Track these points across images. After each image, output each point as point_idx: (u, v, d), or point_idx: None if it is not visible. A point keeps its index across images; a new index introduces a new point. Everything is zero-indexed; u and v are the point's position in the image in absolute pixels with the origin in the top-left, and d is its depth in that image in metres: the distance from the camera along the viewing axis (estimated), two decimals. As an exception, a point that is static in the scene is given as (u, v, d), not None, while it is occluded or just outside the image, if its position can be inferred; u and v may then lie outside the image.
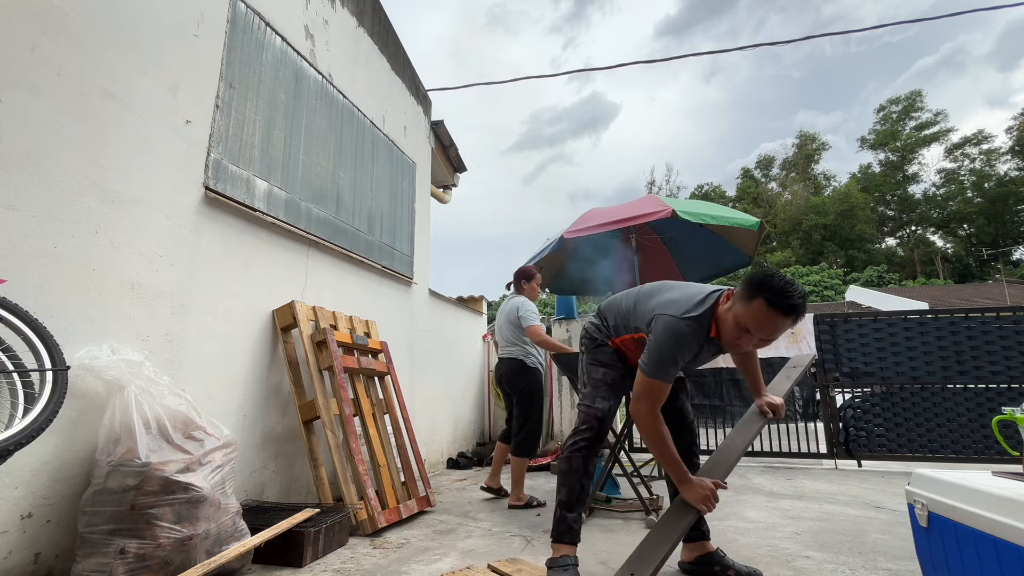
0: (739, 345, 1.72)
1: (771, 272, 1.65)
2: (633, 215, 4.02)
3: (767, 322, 1.61)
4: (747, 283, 1.66)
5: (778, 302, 1.58)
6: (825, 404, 5.04)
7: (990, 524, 1.22)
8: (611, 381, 2.01)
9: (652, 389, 1.76)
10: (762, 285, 1.61)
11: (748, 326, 1.65)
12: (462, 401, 5.63)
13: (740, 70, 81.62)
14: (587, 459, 1.96)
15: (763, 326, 1.62)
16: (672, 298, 1.85)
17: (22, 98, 1.74)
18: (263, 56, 2.83)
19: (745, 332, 1.67)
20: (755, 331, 1.64)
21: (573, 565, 1.83)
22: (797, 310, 1.59)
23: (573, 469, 1.94)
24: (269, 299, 2.80)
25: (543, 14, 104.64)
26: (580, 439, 1.96)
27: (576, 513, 1.92)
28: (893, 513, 2.95)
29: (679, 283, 1.96)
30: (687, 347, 1.76)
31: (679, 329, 1.74)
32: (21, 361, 1.57)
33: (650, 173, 57.34)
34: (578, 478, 1.94)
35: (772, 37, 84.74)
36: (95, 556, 1.63)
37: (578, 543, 1.92)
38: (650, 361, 1.76)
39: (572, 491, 1.93)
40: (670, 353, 1.74)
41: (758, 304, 1.61)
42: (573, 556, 1.87)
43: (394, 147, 4.27)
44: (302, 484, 2.90)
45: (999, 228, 35.70)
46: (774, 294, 1.59)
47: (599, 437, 1.97)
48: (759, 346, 1.73)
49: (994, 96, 61.18)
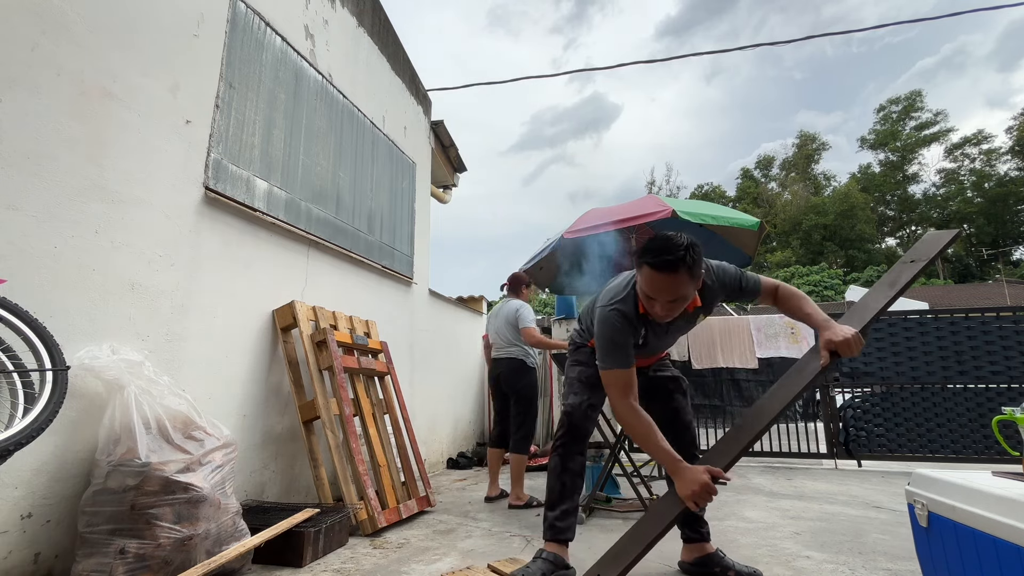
0: (657, 314, 1.70)
1: (655, 235, 1.66)
2: (633, 215, 4.02)
3: (656, 284, 1.62)
4: (636, 255, 1.68)
5: (654, 263, 1.60)
6: (825, 404, 5.04)
7: (990, 524, 1.22)
8: (585, 378, 2.04)
9: (611, 379, 1.79)
10: (643, 250, 1.63)
11: (648, 292, 1.66)
12: (462, 401, 5.63)
13: (741, 71, 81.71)
14: (564, 457, 1.97)
15: (656, 288, 1.63)
16: (607, 288, 1.90)
17: (22, 98, 1.74)
18: (263, 56, 2.83)
19: (649, 299, 1.68)
20: (654, 295, 1.65)
21: (542, 559, 1.84)
22: (674, 265, 1.57)
23: (550, 468, 2.00)
24: (269, 299, 2.80)
25: (544, 15, 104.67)
26: (556, 438, 2.01)
27: (557, 511, 1.92)
28: (893, 513, 2.95)
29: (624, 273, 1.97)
30: (622, 331, 1.77)
31: (607, 317, 1.78)
32: (21, 361, 1.57)
33: (650, 173, 57.34)
34: (556, 476, 1.96)
35: (773, 38, 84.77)
36: (95, 556, 1.63)
37: (563, 540, 1.90)
38: (599, 354, 1.81)
39: (552, 491, 1.96)
40: (609, 341, 1.77)
41: (645, 270, 1.64)
42: (549, 552, 1.87)
43: (394, 147, 4.27)
44: (302, 484, 2.90)
45: (999, 228, 35.71)
46: (652, 255, 1.60)
47: (572, 433, 1.98)
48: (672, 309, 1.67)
49: (994, 96, 61.25)
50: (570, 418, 1.98)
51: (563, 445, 1.97)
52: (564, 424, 1.99)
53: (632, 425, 1.76)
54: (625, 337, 1.77)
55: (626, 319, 1.77)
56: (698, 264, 1.62)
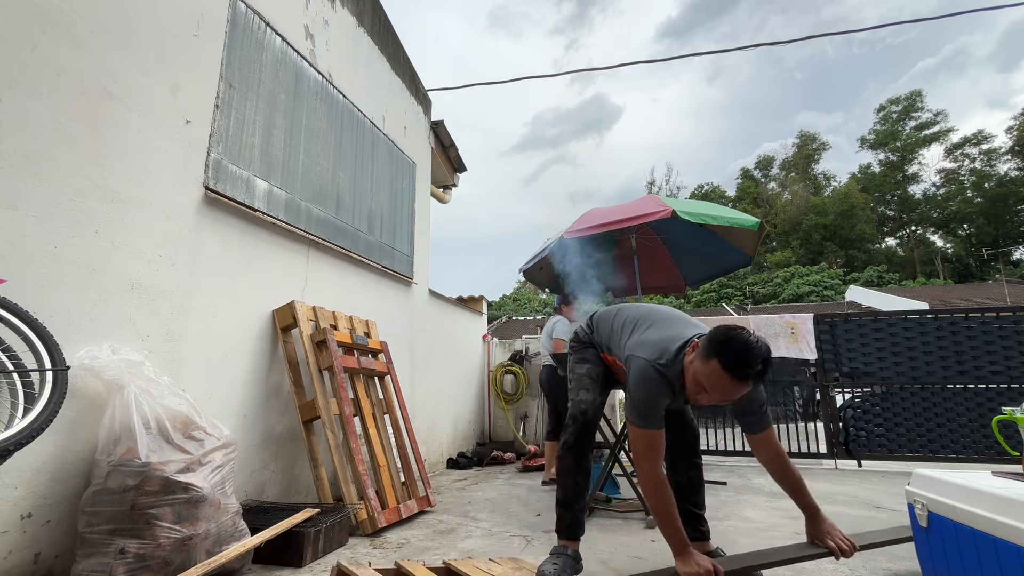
0: (698, 400, 1.66)
1: (733, 333, 1.55)
2: (633, 215, 4.02)
3: (721, 384, 1.54)
4: (708, 341, 1.59)
5: (733, 367, 1.51)
6: (825, 404, 5.04)
7: (990, 524, 1.22)
8: (595, 375, 2.03)
9: (647, 440, 1.70)
10: (721, 348, 1.53)
11: (704, 384, 1.59)
12: (462, 401, 5.63)
13: (742, 71, 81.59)
14: (578, 456, 1.97)
15: (717, 387, 1.55)
16: (648, 339, 1.79)
17: (22, 98, 1.74)
18: (263, 56, 2.83)
19: (702, 390, 1.61)
20: (710, 391, 1.58)
21: (566, 555, 1.87)
22: (752, 377, 1.51)
23: (566, 468, 1.98)
24: (269, 299, 2.80)
25: (545, 16, 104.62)
26: (568, 435, 1.99)
27: (573, 510, 1.94)
28: (893, 513, 2.95)
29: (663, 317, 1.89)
30: (661, 393, 1.71)
31: (650, 375, 1.70)
32: (21, 361, 1.57)
33: (650, 173, 57.29)
34: (571, 475, 1.96)
35: (773, 39, 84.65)
36: (95, 556, 1.63)
37: (579, 537, 1.95)
38: (635, 411, 1.72)
39: (567, 490, 1.96)
40: (647, 401, 1.70)
41: (714, 365, 1.53)
42: (571, 549, 1.90)
43: (394, 147, 4.27)
44: (302, 484, 2.90)
45: (999, 228, 35.69)
46: (730, 359, 1.51)
47: (585, 429, 1.97)
48: (716, 402, 1.65)
49: (994, 97, 61.20)
50: (584, 415, 1.98)
51: (576, 444, 1.97)
52: (578, 421, 1.97)
53: (659, 498, 1.68)
54: (663, 399, 1.72)
55: (667, 384, 1.70)
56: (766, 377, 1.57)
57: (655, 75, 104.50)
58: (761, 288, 32.23)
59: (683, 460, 2.09)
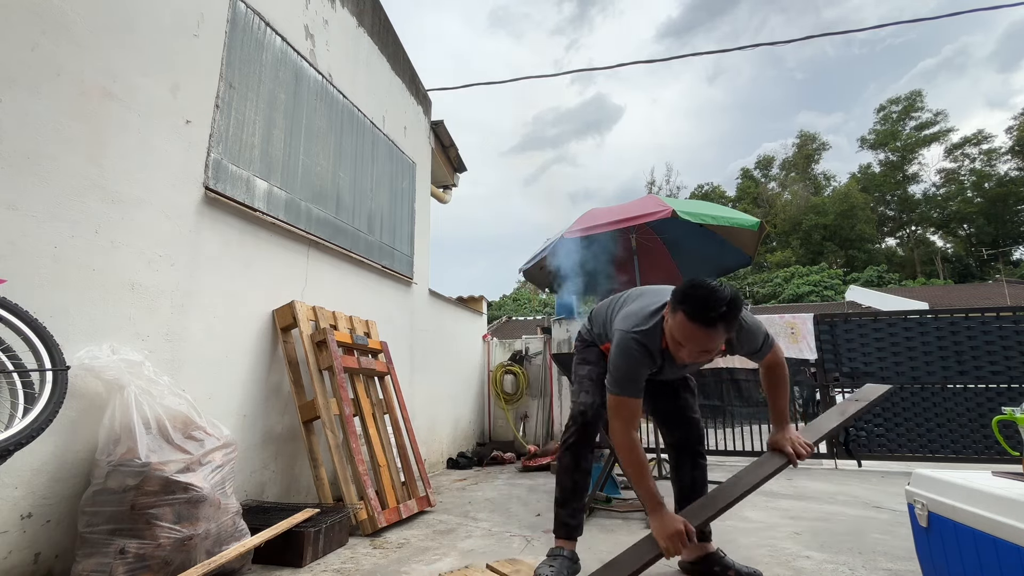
0: (681, 358, 1.66)
1: (696, 282, 1.57)
2: (633, 215, 4.02)
3: (691, 334, 1.55)
4: (672, 294, 1.61)
5: (696, 315, 1.52)
6: (825, 404, 5.04)
7: (990, 524, 1.22)
8: (595, 377, 2.03)
9: (620, 406, 1.74)
10: (684, 297, 1.56)
11: (678, 338, 1.60)
12: (462, 401, 5.63)
13: (742, 71, 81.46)
14: (576, 455, 1.98)
15: (689, 338, 1.57)
16: (630, 310, 1.81)
17: (22, 98, 1.74)
18: (263, 56, 2.83)
19: (679, 345, 1.61)
20: (685, 343, 1.59)
21: (563, 556, 1.87)
22: (717, 321, 1.51)
23: (564, 466, 1.99)
24: (269, 299, 2.80)
25: (546, 16, 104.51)
26: (567, 435, 2.00)
27: (569, 509, 1.95)
28: (893, 513, 2.95)
29: (650, 290, 1.91)
30: (640, 363, 1.72)
31: (628, 345, 1.71)
32: (21, 361, 1.57)
33: (650, 173, 57.17)
34: (569, 475, 1.97)
35: (774, 39, 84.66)
36: (95, 556, 1.63)
37: (576, 537, 1.95)
38: (611, 378, 1.75)
39: (564, 488, 1.97)
40: (625, 369, 1.72)
41: (680, 317, 1.56)
42: (567, 550, 1.91)
43: (394, 147, 4.27)
44: (302, 484, 2.90)
45: (999, 228, 35.67)
46: (693, 306, 1.53)
47: (585, 431, 1.98)
48: (701, 359, 1.66)
49: (994, 97, 61.11)
50: (584, 417, 1.98)
51: (576, 443, 1.98)
52: (578, 422, 1.99)
53: (629, 457, 1.73)
54: (641, 369, 1.73)
55: (646, 351, 1.72)
56: (736, 320, 1.57)
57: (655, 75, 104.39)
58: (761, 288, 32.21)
59: (688, 461, 2.10)
